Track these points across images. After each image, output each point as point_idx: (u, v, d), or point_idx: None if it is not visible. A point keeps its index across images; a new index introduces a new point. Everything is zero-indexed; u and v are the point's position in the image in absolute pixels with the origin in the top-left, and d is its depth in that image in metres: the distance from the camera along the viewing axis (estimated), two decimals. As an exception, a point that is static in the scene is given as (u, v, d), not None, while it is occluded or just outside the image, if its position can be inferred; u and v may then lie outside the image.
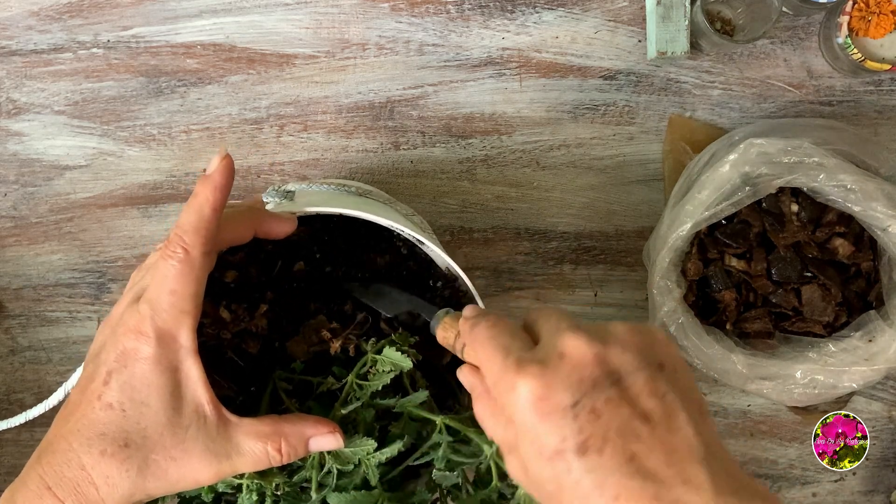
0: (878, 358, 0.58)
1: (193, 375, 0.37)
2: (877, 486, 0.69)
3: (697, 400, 0.34)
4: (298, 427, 0.39)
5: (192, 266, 0.37)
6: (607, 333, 0.34)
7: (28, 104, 0.68)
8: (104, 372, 0.37)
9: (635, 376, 0.32)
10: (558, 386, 0.32)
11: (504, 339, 0.36)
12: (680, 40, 0.65)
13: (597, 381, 0.32)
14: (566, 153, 0.68)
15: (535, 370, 0.33)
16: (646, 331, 0.35)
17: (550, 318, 0.36)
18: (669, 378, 0.33)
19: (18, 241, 0.69)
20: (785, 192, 0.62)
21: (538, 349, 0.34)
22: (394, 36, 0.67)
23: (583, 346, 0.33)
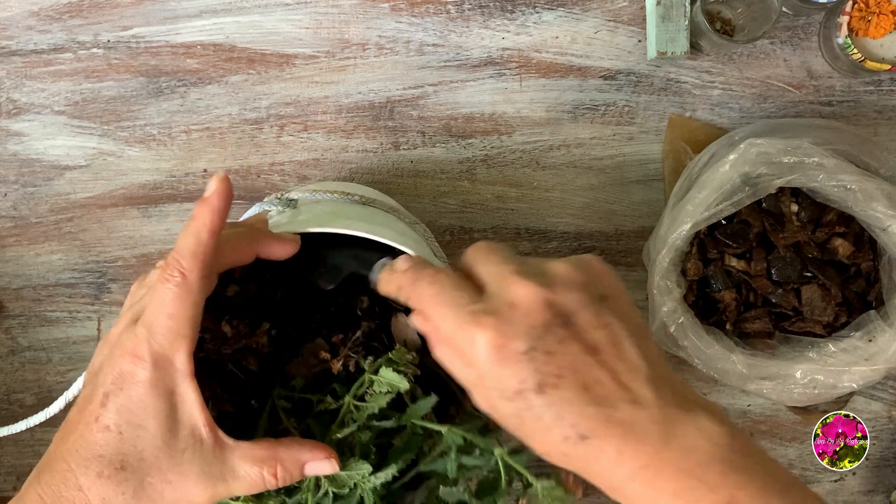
0: (878, 358, 0.58)
1: (189, 399, 0.37)
2: (877, 486, 0.69)
3: (639, 324, 0.36)
4: (294, 452, 0.39)
5: (190, 290, 0.37)
6: (551, 276, 0.35)
7: (28, 104, 0.68)
8: (101, 394, 0.37)
9: (582, 313, 0.34)
10: (513, 334, 0.34)
11: (450, 293, 0.36)
12: (680, 40, 0.65)
13: (548, 323, 0.34)
14: (566, 153, 0.68)
15: (489, 321, 0.34)
16: (585, 264, 0.37)
17: (490, 262, 0.37)
18: (612, 307, 0.35)
19: (18, 241, 0.69)
20: (785, 192, 0.62)
21: (487, 298, 0.35)
22: (394, 36, 0.67)
23: (531, 292, 0.34)
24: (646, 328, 0.36)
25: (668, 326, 0.59)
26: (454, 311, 0.35)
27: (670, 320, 0.59)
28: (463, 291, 0.36)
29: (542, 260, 0.37)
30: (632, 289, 0.69)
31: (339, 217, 0.50)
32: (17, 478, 0.69)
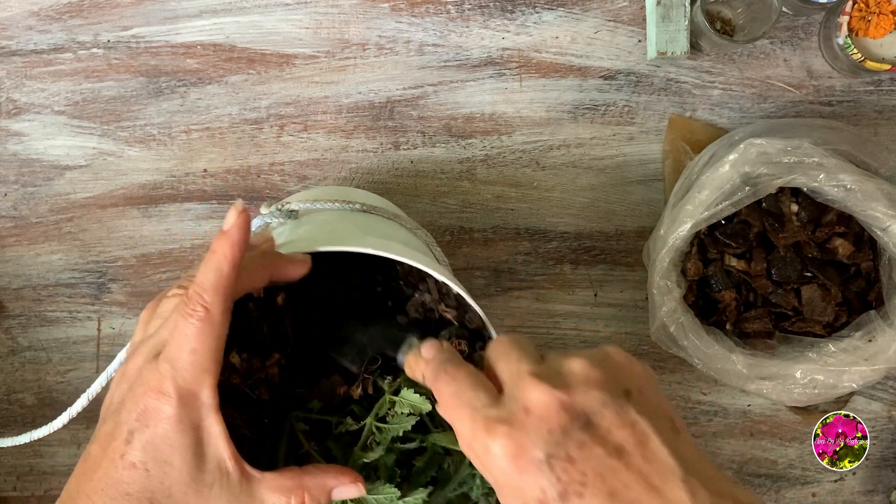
0: (878, 358, 0.58)
1: (215, 432, 0.37)
2: (877, 486, 0.69)
3: (668, 416, 0.34)
4: (320, 479, 0.39)
5: (213, 324, 0.37)
6: (568, 375, 0.34)
7: (28, 104, 0.68)
8: (126, 431, 0.37)
9: (602, 413, 0.33)
10: (529, 442, 0.32)
11: (467, 394, 0.36)
12: (680, 40, 0.65)
13: (566, 428, 0.32)
14: (566, 153, 0.68)
15: (504, 430, 0.33)
16: (605, 360, 0.35)
17: (510, 360, 0.36)
18: (637, 402, 0.33)
19: (18, 241, 0.69)
20: (785, 192, 0.62)
21: (503, 403, 0.34)
22: (394, 36, 0.67)
23: (546, 396, 0.33)
24: (676, 419, 0.34)
25: (668, 326, 0.59)
26: (470, 415, 0.35)
27: (670, 320, 0.59)
28: (480, 392, 0.35)
29: (561, 355, 0.35)
30: (632, 289, 0.69)
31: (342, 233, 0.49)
32: (17, 478, 0.69)
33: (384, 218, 0.54)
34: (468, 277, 0.68)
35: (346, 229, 0.50)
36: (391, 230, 0.52)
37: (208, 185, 0.68)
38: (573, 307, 0.69)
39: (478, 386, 0.36)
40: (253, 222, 0.55)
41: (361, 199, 0.55)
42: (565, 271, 0.69)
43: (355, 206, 0.52)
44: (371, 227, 0.51)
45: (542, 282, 0.69)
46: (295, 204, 0.51)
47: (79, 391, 0.69)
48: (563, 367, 0.34)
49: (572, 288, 0.69)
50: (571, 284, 0.69)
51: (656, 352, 0.68)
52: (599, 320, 0.69)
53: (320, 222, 0.51)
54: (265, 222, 0.52)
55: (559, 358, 0.35)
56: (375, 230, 0.51)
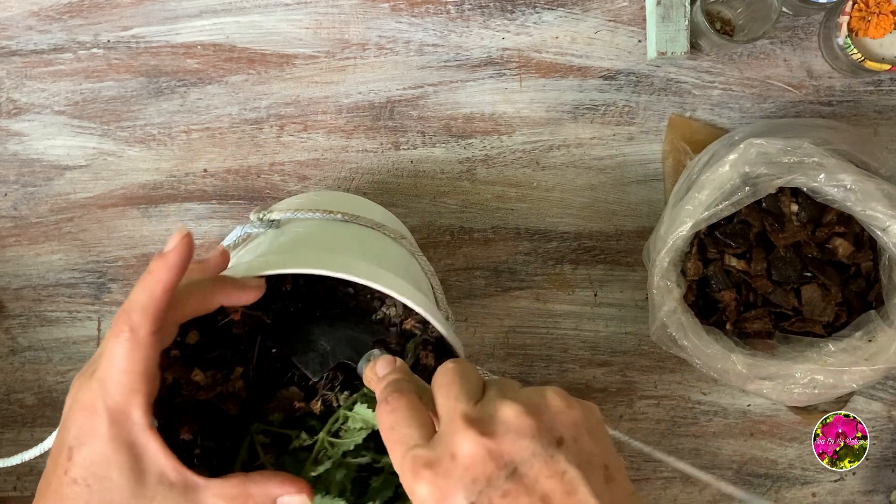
0: (878, 358, 0.58)
1: (152, 449, 0.37)
2: (877, 486, 0.69)
3: (603, 463, 0.34)
4: (265, 487, 0.39)
5: (139, 345, 0.37)
6: (499, 423, 0.34)
7: (28, 104, 0.68)
8: (66, 448, 0.38)
9: (530, 463, 0.33)
10: (452, 489, 0.32)
11: (402, 430, 0.36)
12: (680, 40, 0.65)
13: (491, 477, 0.32)
14: (566, 153, 0.68)
15: (428, 475, 0.33)
16: (540, 406, 0.34)
17: (448, 395, 0.36)
18: (569, 451, 0.33)
19: (18, 241, 0.69)
20: (785, 192, 0.62)
21: (434, 443, 0.34)
22: (394, 36, 0.67)
23: (473, 444, 0.33)
24: (613, 465, 0.35)
25: (668, 326, 0.59)
26: (401, 452, 0.35)
27: (670, 320, 0.59)
28: (414, 429, 0.35)
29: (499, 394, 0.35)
30: (632, 289, 0.69)
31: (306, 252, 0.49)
32: (17, 478, 0.69)
33: (367, 228, 0.54)
34: (468, 277, 0.68)
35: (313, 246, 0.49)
36: (370, 243, 0.52)
37: (208, 185, 0.68)
38: (573, 307, 0.69)
39: (413, 422, 0.36)
40: (233, 231, 0.55)
41: (345, 208, 0.55)
42: (565, 271, 0.69)
43: (336, 215, 0.52)
44: (348, 238, 0.51)
45: (542, 282, 0.69)
46: (276, 213, 0.51)
47: (79, 391, 0.69)
48: (498, 410, 0.34)
49: (572, 288, 0.69)
50: (571, 284, 0.69)
51: (656, 352, 0.68)
52: (599, 320, 0.69)
53: (295, 235, 0.50)
54: (246, 232, 0.52)
55: (496, 397, 0.35)
56: (351, 242, 0.51)
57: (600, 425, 0.36)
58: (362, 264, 0.44)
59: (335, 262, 0.43)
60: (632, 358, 0.69)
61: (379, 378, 0.40)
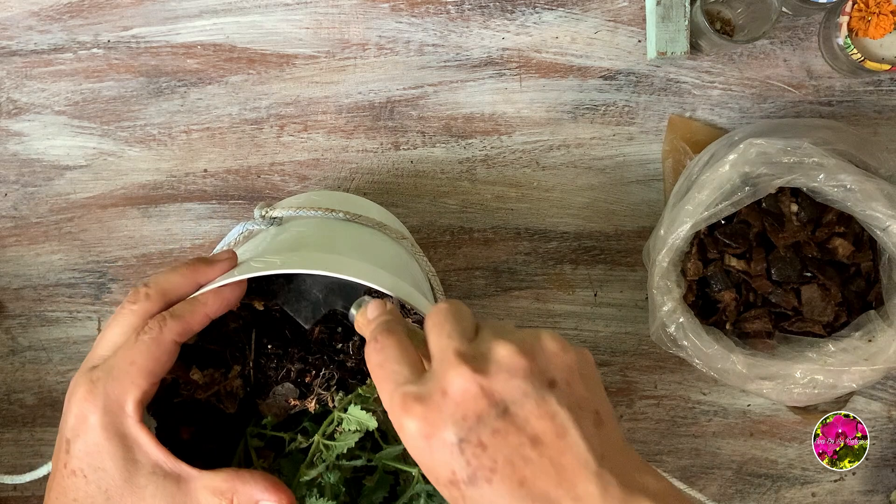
0: (877, 358, 0.58)
1: (143, 441, 0.38)
2: (876, 486, 0.69)
3: (594, 408, 0.34)
4: (249, 488, 0.40)
5: (160, 347, 0.39)
6: (493, 359, 0.33)
7: (28, 104, 0.68)
8: (65, 440, 0.39)
9: (522, 403, 0.32)
10: (442, 424, 0.32)
11: (390, 366, 0.35)
12: (680, 40, 0.65)
13: (481, 414, 0.32)
14: (566, 153, 0.68)
15: (418, 410, 0.33)
16: (534, 347, 0.34)
17: (441, 333, 0.35)
18: (562, 394, 0.33)
19: (18, 241, 0.69)
20: (785, 192, 0.62)
21: (425, 379, 0.34)
22: (394, 36, 0.67)
23: (465, 380, 0.33)
24: (604, 410, 0.34)
25: (668, 326, 0.59)
26: (389, 389, 0.35)
27: (670, 320, 0.59)
28: (404, 366, 0.35)
29: (493, 333, 0.35)
30: (632, 289, 0.69)
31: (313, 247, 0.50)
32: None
33: (368, 227, 0.54)
34: (468, 277, 0.68)
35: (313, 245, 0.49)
36: (371, 242, 0.53)
37: (208, 186, 0.68)
38: (573, 307, 0.69)
39: (403, 359, 0.36)
40: (235, 228, 0.55)
41: (346, 206, 0.55)
42: (565, 271, 0.69)
43: (339, 214, 0.52)
44: (352, 240, 0.51)
45: (542, 282, 0.69)
46: (279, 211, 0.52)
47: (79, 391, 0.69)
48: (491, 349, 0.34)
49: (572, 288, 0.69)
50: (571, 284, 0.69)
51: (656, 352, 0.68)
52: (599, 320, 0.69)
53: (295, 233, 0.51)
54: (248, 229, 0.53)
55: (490, 337, 0.35)
56: (351, 241, 0.51)
57: (593, 371, 0.36)
58: (360, 264, 0.44)
59: (332, 261, 0.43)
60: (632, 358, 0.69)
61: (369, 321, 0.40)
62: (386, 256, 0.51)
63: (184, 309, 0.41)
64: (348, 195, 0.65)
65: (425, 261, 0.56)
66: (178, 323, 0.40)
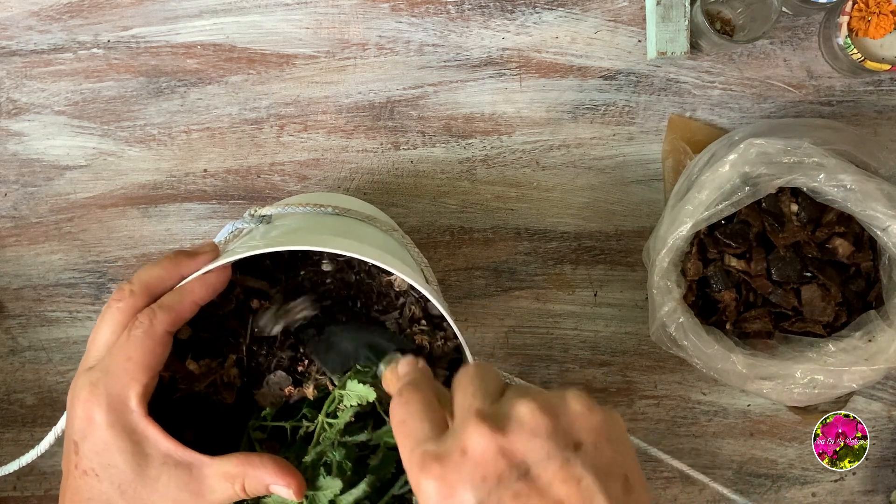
0: (878, 358, 0.58)
1: (151, 433, 0.39)
2: (877, 486, 0.69)
3: (623, 473, 0.32)
4: (259, 472, 0.40)
5: (153, 338, 0.40)
6: (515, 419, 0.32)
7: (28, 104, 0.68)
8: (73, 442, 0.39)
9: (545, 465, 0.31)
10: (460, 484, 0.31)
11: (413, 423, 0.35)
12: (680, 40, 0.65)
13: (501, 476, 0.31)
14: (566, 153, 0.68)
15: (436, 471, 0.32)
16: (558, 408, 0.33)
17: (466, 393, 0.35)
18: (588, 457, 0.32)
19: (18, 241, 0.69)
20: (785, 192, 0.62)
21: (445, 438, 0.33)
22: (394, 36, 0.67)
23: (484, 439, 0.31)
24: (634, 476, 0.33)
25: (668, 326, 0.59)
26: (410, 446, 0.34)
27: (670, 320, 0.59)
28: (426, 423, 0.34)
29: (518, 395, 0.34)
30: (632, 289, 0.69)
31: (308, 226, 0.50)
32: (17, 478, 0.69)
33: (357, 220, 0.54)
34: (468, 277, 0.68)
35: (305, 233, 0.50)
36: (361, 232, 0.53)
37: (208, 186, 0.68)
38: (573, 307, 0.69)
39: (426, 416, 0.35)
40: (224, 228, 0.56)
41: (335, 202, 0.55)
42: (565, 271, 0.69)
43: (328, 209, 0.53)
44: (339, 230, 0.52)
45: (542, 282, 0.69)
46: (267, 209, 0.52)
47: (79, 391, 0.69)
48: (514, 409, 0.33)
49: (572, 288, 0.69)
50: (571, 284, 0.69)
51: (656, 352, 0.68)
52: (599, 320, 0.69)
53: (284, 228, 0.51)
54: (237, 228, 0.53)
55: (514, 397, 0.34)
56: (342, 233, 0.51)
57: (623, 434, 0.34)
58: (345, 240, 0.44)
59: (316, 239, 0.44)
60: (632, 358, 0.69)
61: (399, 377, 0.40)
62: (378, 243, 0.51)
63: (171, 299, 0.41)
64: (338, 195, 0.65)
65: (417, 252, 0.56)
66: (167, 313, 0.40)
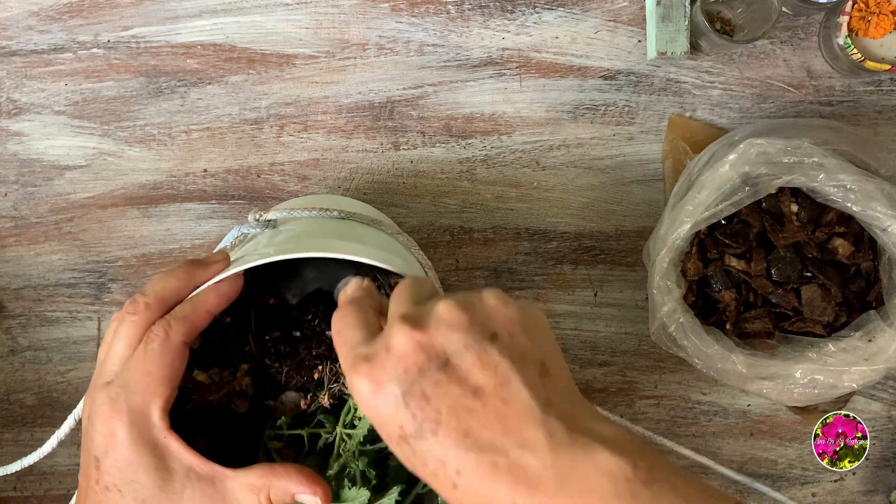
0: (877, 358, 0.58)
1: (174, 448, 0.39)
2: (877, 486, 0.69)
3: (539, 360, 0.34)
4: (284, 482, 0.40)
5: (170, 351, 0.40)
6: (434, 317, 0.34)
7: (28, 104, 0.68)
8: (93, 457, 0.39)
9: (462, 355, 0.33)
10: (385, 379, 0.33)
11: (347, 332, 0.37)
12: (680, 40, 0.65)
13: (422, 367, 0.33)
14: (566, 153, 0.68)
15: (365, 368, 0.34)
16: (475, 303, 0.35)
17: (396, 300, 0.37)
18: (504, 345, 0.34)
19: (18, 241, 0.69)
20: (785, 192, 0.62)
21: (373, 341, 0.35)
22: (394, 36, 0.67)
23: (404, 336, 0.34)
24: (551, 361, 0.35)
25: (668, 326, 0.59)
26: (344, 353, 0.36)
27: (670, 320, 0.59)
28: (359, 330, 0.36)
29: (440, 299, 0.35)
30: (632, 289, 0.69)
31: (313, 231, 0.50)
32: (17, 478, 0.69)
33: (362, 224, 0.54)
34: (468, 277, 0.68)
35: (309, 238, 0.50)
36: (366, 235, 0.53)
37: (208, 186, 0.68)
38: (573, 307, 0.69)
39: (359, 324, 0.37)
40: (230, 233, 0.56)
41: (341, 206, 0.55)
42: (565, 271, 0.69)
43: (332, 213, 0.53)
44: (344, 234, 0.52)
45: (542, 282, 0.69)
46: (273, 213, 0.52)
47: (79, 391, 0.69)
48: (434, 308, 0.35)
49: (572, 288, 0.69)
50: (571, 284, 0.69)
51: (656, 352, 0.68)
52: (599, 320, 0.69)
53: (290, 233, 0.51)
54: (242, 233, 0.53)
55: (436, 300, 0.36)
56: (347, 237, 0.51)
57: (539, 324, 0.36)
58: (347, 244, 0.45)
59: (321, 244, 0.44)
60: (632, 358, 0.69)
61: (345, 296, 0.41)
62: (382, 246, 0.51)
63: (185, 309, 0.41)
64: (341, 197, 0.65)
65: (421, 254, 0.56)
66: (183, 324, 0.40)
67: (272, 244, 0.48)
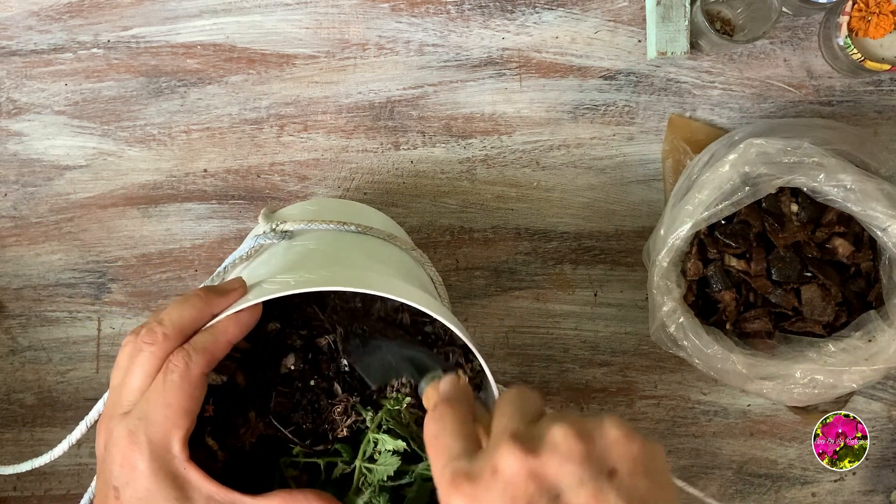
0: (877, 358, 0.58)
1: (193, 478, 0.38)
2: (877, 486, 0.69)
3: (658, 502, 0.31)
4: None
5: (190, 382, 0.39)
6: (545, 441, 0.32)
7: (28, 104, 0.68)
8: (112, 487, 0.39)
9: (576, 491, 0.30)
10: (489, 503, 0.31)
11: (446, 439, 0.34)
12: (680, 40, 0.65)
13: (531, 499, 0.30)
14: (566, 153, 0.68)
15: (466, 489, 0.31)
16: (594, 433, 0.32)
17: (503, 415, 0.34)
18: (622, 485, 0.31)
19: (18, 241, 0.69)
20: (785, 192, 0.62)
21: (478, 457, 0.33)
22: (394, 36, 0.67)
23: (516, 460, 0.31)
24: None
25: (668, 326, 0.59)
26: (442, 462, 0.34)
27: (670, 320, 0.59)
28: (459, 441, 0.34)
29: (554, 418, 0.33)
30: (632, 289, 0.69)
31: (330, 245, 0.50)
32: (17, 478, 0.69)
33: (379, 240, 0.54)
34: (468, 277, 0.68)
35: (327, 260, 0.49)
36: (381, 251, 0.52)
37: (208, 185, 0.68)
38: (573, 307, 0.69)
39: (459, 433, 0.35)
40: (245, 242, 0.55)
41: (358, 219, 0.55)
42: (565, 271, 0.69)
43: (350, 227, 0.52)
44: (361, 250, 0.51)
45: (542, 282, 0.69)
46: (290, 225, 0.51)
47: (79, 391, 0.69)
48: (548, 432, 0.32)
49: (572, 288, 0.69)
50: (571, 284, 0.69)
51: (656, 352, 0.68)
52: (599, 320, 0.69)
53: (308, 248, 0.51)
54: (258, 243, 0.52)
55: (549, 421, 0.33)
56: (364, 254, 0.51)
57: (662, 466, 0.33)
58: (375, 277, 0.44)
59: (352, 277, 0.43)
60: (632, 358, 0.69)
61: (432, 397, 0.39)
62: (398, 268, 0.51)
63: (205, 340, 0.40)
64: (352, 202, 0.65)
65: (433, 270, 0.56)
66: (202, 355, 0.39)
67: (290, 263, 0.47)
